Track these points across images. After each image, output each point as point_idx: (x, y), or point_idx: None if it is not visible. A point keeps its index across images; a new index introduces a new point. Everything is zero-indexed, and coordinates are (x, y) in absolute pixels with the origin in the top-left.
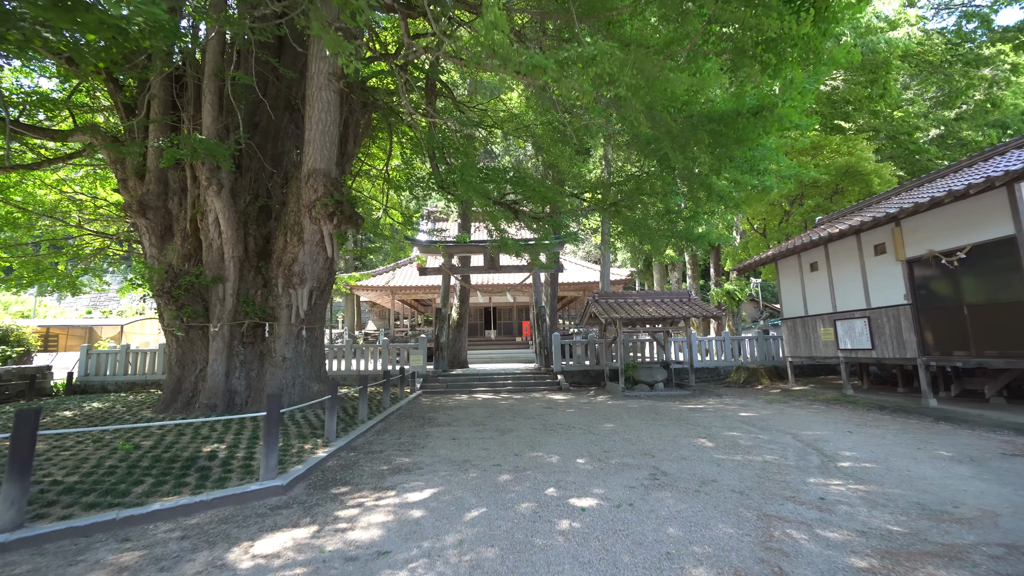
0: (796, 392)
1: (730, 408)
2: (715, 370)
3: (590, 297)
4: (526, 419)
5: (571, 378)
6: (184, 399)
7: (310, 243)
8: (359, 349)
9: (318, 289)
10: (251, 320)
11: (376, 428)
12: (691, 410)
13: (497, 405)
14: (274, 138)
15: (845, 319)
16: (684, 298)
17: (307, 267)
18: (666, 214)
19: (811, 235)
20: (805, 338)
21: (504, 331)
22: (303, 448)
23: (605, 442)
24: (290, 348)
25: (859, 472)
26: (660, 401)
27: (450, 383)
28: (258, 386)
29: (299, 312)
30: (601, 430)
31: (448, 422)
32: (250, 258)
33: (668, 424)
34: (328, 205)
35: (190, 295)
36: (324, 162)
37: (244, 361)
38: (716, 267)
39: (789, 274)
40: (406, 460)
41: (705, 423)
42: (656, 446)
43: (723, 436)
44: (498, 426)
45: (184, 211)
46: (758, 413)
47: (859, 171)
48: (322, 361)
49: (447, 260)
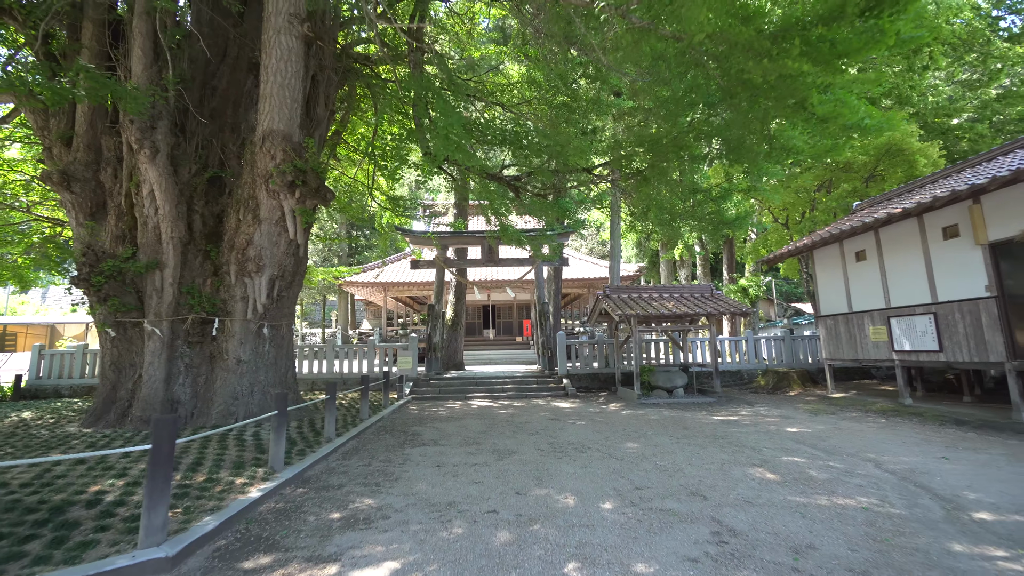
0: (839, 400)
1: (770, 421)
2: (737, 374)
3: (600, 292)
4: (529, 435)
5: (577, 382)
6: (119, 410)
7: (268, 222)
8: (341, 350)
9: (282, 279)
10: (196, 315)
11: (344, 449)
12: (724, 423)
13: (495, 416)
14: (235, 104)
15: (902, 316)
16: (707, 292)
17: (265, 251)
18: (692, 193)
19: (855, 220)
20: (848, 338)
21: (504, 330)
22: (233, 484)
23: (634, 472)
24: (247, 349)
25: (1017, 531)
26: (684, 411)
27: (443, 388)
28: (206, 395)
29: (257, 305)
30: (624, 452)
31: (435, 439)
32: (196, 240)
33: (705, 444)
34: (287, 173)
35: (117, 284)
36: (284, 122)
37: (190, 365)
38: (729, 262)
39: (828, 265)
40: (368, 503)
41: (751, 443)
42: (703, 480)
43: (783, 464)
44: (495, 445)
45: (119, 184)
46: (810, 428)
47: (903, 150)
48: (290, 364)
49: (441, 252)
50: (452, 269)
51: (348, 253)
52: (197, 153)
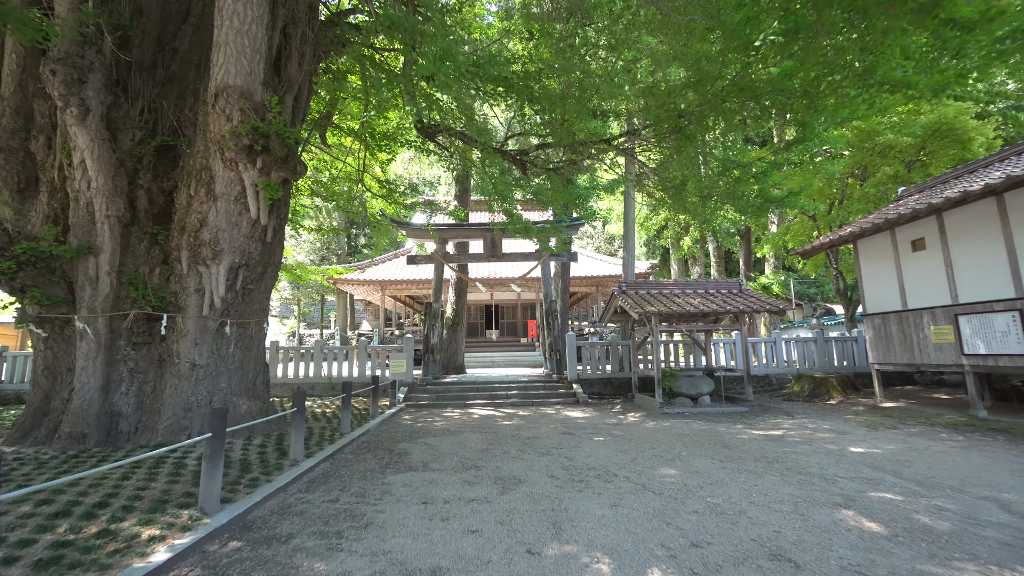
0: (892, 411)
1: (823, 437)
2: (765, 379)
3: (616, 287)
4: (539, 455)
5: (589, 388)
6: (51, 424)
7: (225, 198)
8: (330, 352)
9: (247, 269)
10: (139, 310)
11: (312, 475)
12: (770, 440)
13: (498, 428)
14: (199, 67)
15: (975, 313)
16: (734, 288)
17: (222, 234)
18: (727, 171)
19: (910, 204)
20: (902, 339)
21: (507, 331)
22: (136, 538)
23: (681, 515)
24: (204, 351)
25: None
26: (715, 423)
27: (441, 394)
28: (154, 406)
29: (214, 299)
30: (661, 483)
31: (425, 461)
32: (141, 221)
33: (759, 470)
34: (243, 136)
35: (37, 272)
36: (242, 76)
37: (135, 370)
38: (746, 258)
39: (875, 257)
40: (319, 568)
41: (816, 469)
42: (781, 531)
43: (875, 503)
44: (499, 470)
45: (53, 155)
46: (878, 449)
47: (955, 128)
48: (260, 369)
49: (440, 246)
50: (451, 264)
51: (347, 252)
52: (143, 117)
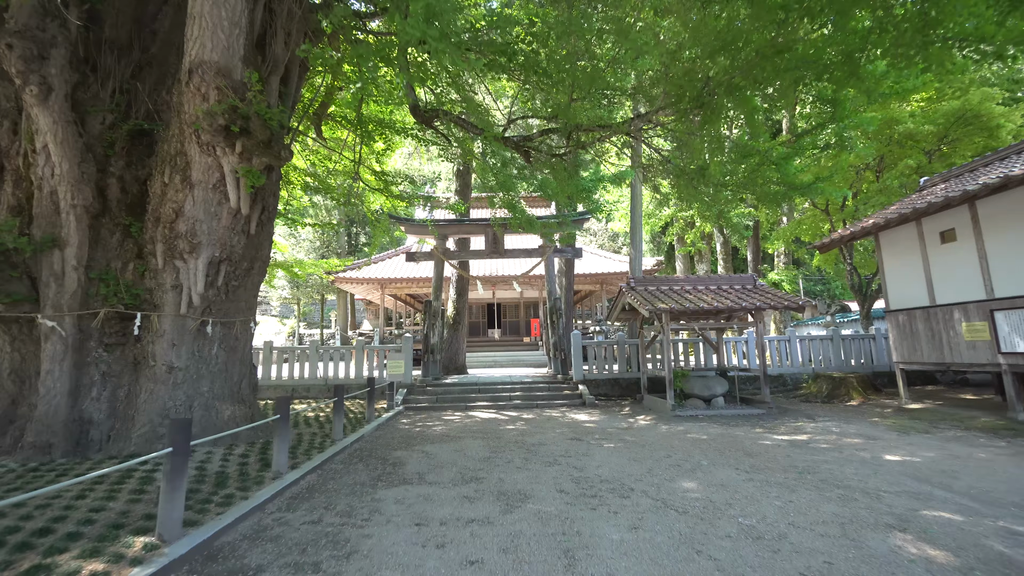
0: (920, 413)
1: (853, 443)
2: (778, 378)
3: (624, 284)
4: (546, 465)
5: (595, 389)
6: (18, 431)
7: (202, 186)
8: (326, 352)
9: (230, 263)
10: (111, 308)
11: (296, 489)
12: (795, 447)
13: (501, 434)
14: (179, 50)
15: (1014, 308)
16: (748, 284)
17: (200, 225)
18: (742, 158)
19: (939, 193)
20: (930, 337)
21: (510, 330)
22: (76, 575)
23: (712, 540)
24: (182, 352)
25: None
26: (732, 426)
27: (441, 396)
28: (128, 412)
29: (192, 296)
30: (684, 499)
31: (421, 473)
32: (112, 212)
33: (791, 482)
34: (218, 116)
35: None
36: (218, 51)
37: (108, 373)
38: (755, 253)
39: (899, 250)
40: None
41: (854, 481)
42: (833, 562)
43: (933, 525)
44: (502, 483)
45: (19, 142)
46: (917, 457)
47: (980, 115)
48: (247, 372)
49: (440, 243)
50: (452, 261)
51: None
52: (115, 99)
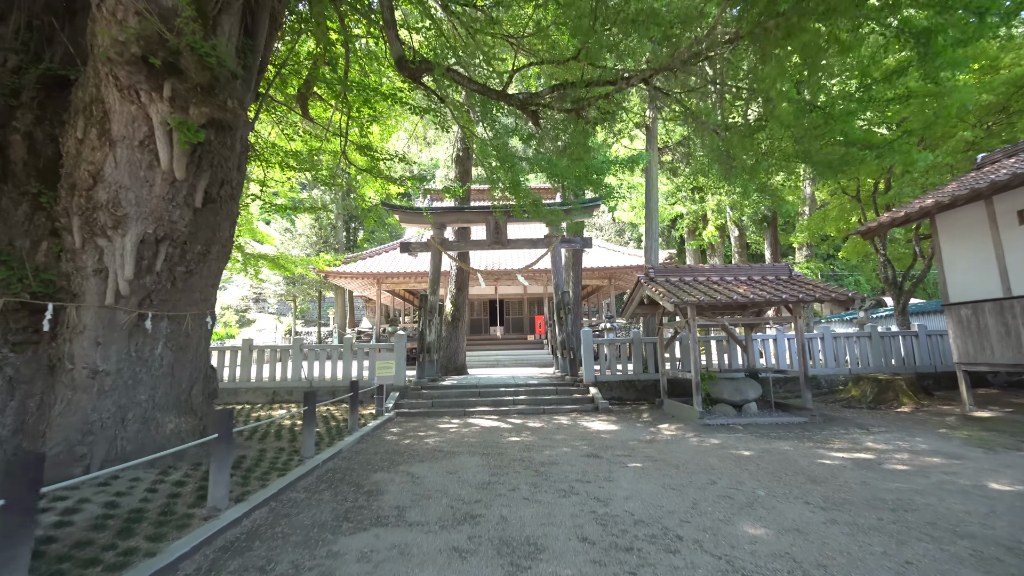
0: (992, 423)
1: (935, 464)
2: (813, 380)
3: (643, 275)
4: (560, 496)
5: (608, 392)
6: None
7: (126, 143)
8: (311, 351)
9: (171, 242)
10: (13, 297)
11: (230, 536)
12: (864, 468)
13: (504, 448)
14: None
15: None
16: (783, 274)
17: (125, 193)
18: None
19: (1007, 166)
20: (1004, 334)
21: (513, 327)
22: None
23: None
24: (110, 352)
25: None
26: (775, 439)
27: (437, 400)
28: (38, 428)
29: (120, 283)
30: (759, 562)
31: (402, 507)
32: (17, 177)
33: (892, 528)
34: (131, 43)
35: None
36: None
37: (15, 379)
38: (773, 245)
39: (962, 235)
40: None
41: (977, 528)
42: None
43: None
44: (505, 525)
45: None
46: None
47: None
48: (200, 376)
49: (437, 232)
50: (450, 252)
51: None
52: (19, 37)
